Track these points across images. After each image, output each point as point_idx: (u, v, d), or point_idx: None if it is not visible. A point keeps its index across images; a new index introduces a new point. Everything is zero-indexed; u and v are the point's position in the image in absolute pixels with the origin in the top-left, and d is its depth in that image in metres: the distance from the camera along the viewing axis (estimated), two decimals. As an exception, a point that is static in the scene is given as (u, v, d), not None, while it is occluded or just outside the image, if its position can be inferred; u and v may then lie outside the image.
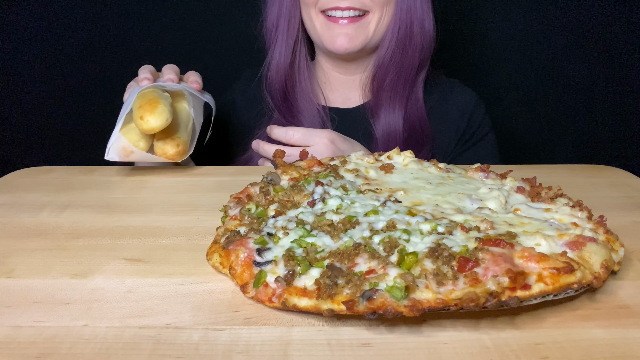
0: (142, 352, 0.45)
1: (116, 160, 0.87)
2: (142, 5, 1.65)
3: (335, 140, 1.01)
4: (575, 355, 0.44)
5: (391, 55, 1.16)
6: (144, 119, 0.83)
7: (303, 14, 1.19)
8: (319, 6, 1.13)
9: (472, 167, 0.79)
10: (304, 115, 1.21)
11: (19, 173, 0.91)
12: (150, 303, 0.52)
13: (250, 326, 0.48)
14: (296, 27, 1.20)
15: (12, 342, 0.46)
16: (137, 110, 0.84)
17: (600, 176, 0.89)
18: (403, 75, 1.18)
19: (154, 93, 0.87)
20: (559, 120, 1.78)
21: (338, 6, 1.10)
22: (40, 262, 0.60)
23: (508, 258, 0.49)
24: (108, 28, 1.67)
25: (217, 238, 0.61)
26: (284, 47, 1.20)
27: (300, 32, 1.21)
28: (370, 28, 1.14)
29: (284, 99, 1.22)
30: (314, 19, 1.15)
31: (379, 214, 0.61)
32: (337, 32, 1.12)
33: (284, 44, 1.20)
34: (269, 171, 0.75)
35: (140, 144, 0.88)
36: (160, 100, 0.85)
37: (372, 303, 0.46)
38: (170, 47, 1.68)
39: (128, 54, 1.69)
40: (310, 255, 0.54)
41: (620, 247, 0.57)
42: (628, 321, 0.49)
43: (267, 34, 1.23)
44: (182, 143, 0.89)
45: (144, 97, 0.86)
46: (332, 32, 1.13)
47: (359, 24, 1.13)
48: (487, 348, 0.45)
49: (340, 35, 1.12)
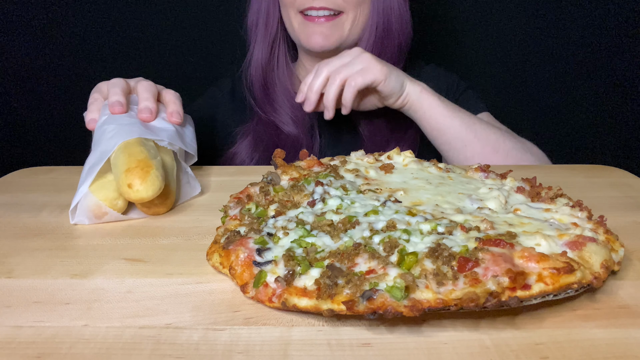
0: (142, 352, 0.45)
1: (86, 224, 0.70)
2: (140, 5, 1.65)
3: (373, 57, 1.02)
4: (575, 355, 0.44)
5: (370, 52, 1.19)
6: (133, 188, 0.68)
7: (283, 14, 1.22)
8: (297, 6, 1.16)
9: (472, 167, 0.79)
10: (284, 110, 1.24)
11: (19, 173, 0.91)
12: (150, 303, 0.52)
13: (250, 326, 0.48)
14: (275, 27, 1.24)
15: (12, 342, 0.46)
16: (123, 174, 0.69)
17: (600, 176, 0.89)
18: None
19: (143, 152, 0.72)
20: (559, 120, 1.78)
21: (312, 6, 1.14)
22: (40, 262, 0.60)
23: (508, 258, 0.49)
24: (107, 28, 1.67)
25: (217, 238, 0.61)
26: (262, 45, 1.24)
27: (279, 32, 1.25)
28: (345, 27, 1.17)
29: (264, 95, 1.25)
30: (292, 19, 1.18)
31: (379, 214, 0.61)
32: (312, 30, 1.16)
33: (262, 42, 1.24)
34: (269, 171, 0.75)
35: (118, 202, 0.71)
36: (152, 164, 0.70)
37: (372, 303, 0.46)
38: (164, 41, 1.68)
39: (128, 53, 1.69)
40: (310, 255, 0.54)
41: (620, 247, 0.57)
42: (628, 321, 0.49)
43: (248, 31, 1.26)
44: (171, 194, 0.75)
45: (131, 156, 0.70)
46: (308, 31, 1.16)
47: (334, 23, 1.16)
48: (487, 348, 0.45)
49: (315, 33, 1.15)
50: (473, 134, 1.04)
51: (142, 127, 0.78)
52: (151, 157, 0.71)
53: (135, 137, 0.74)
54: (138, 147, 0.72)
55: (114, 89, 0.84)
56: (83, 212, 0.69)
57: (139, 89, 0.86)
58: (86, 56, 1.70)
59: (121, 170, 0.69)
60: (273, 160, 0.79)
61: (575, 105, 1.76)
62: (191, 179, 0.81)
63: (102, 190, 0.70)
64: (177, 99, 0.89)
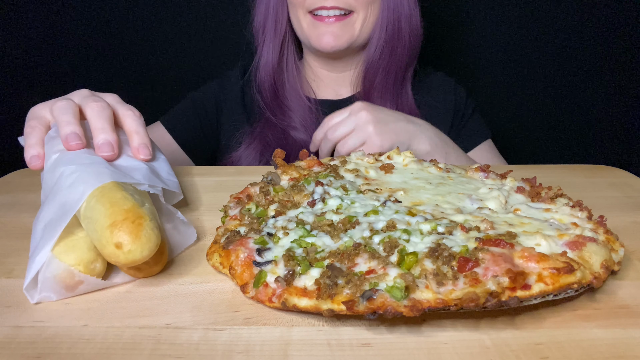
0: (142, 352, 0.45)
1: (53, 300, 0.52)
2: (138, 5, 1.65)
3: (369, 108, 0.99)
4: (575, 355, 0.44)
5: (380, 53, 1.19)
6: (123, 248, 0.51)
7: (291, 15, 1.21)
8: (306, 6, 1.15)
9: (472, 167, 0.79)
10: (294, 112, 1.23)
11: (19, 173, 0.91)
12: (150, 303, 0.52)
13: (250, 326, 0.48)
14: (284, 27, 1.23)
15: (12, 342, 0.46)
16: (107, 230, 0.52)
17: (600, 176, 0.89)
18: (392, 72, 1.21)
19: (128, 199, 0.55)
20: (558, 120, 1.78)
21: (324, 5, 1.12)
22: (40, 262, 0.60)
23: (508, 258, 0.49)
24: (107, 28, 1.67)
25: (217, 238, 0.61)
26: (272, 47, 1.23)
27: (288, 32, 1.24)
28: (356, 27, 1.16)
29: (273, 97, 1.24)
30: (302, 19, 1.17)
31: (379, 214, 0.61)
32: (323, 30, 1.14)
33: (271, 43, 1.23)
34: (269, 171, 0.75)
35: (96, 266, 0.54)
36: (143, 214, 0.54)
37: (372, 303, 0.46)
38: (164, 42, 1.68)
39: (128, 53, 1.69)
40: (310, 255, 0.54)
41: (620, 247, 0.57)
42: (628, 321, 0.49)
43: (255, 34, 1.25)
44: (165, 247, 0.59)
45: (114, 206, 0.54)
46: (318, 31, 1.15)
47: (345, 23, 1.15)
48: (487, 348, 0.45)
49: (326, 33, 1.14)
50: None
51: (110, 167, 0.62)
52: (140, 204, 0.56)
53: (108, 182, 0.58)
54: (119, 193, 0.56)
55: (63, 115, 0.65)
56: (48, 285, 0.52)
57: (89, 113, 0.67)
58: (86, 56, 1.70)
59: (103, 225, 0.52)
60: (273, 160, 0.79)
61: (576, 106, 1.76)
62: (182, 225, 0.64)
63: (72, 252, 0.53)
64: (140, 124, 0.71)
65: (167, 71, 1.70)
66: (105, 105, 0.69)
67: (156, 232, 0.54)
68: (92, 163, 0.61)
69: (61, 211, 0.55)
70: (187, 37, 1.68)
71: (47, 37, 1.68)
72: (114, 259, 0.52)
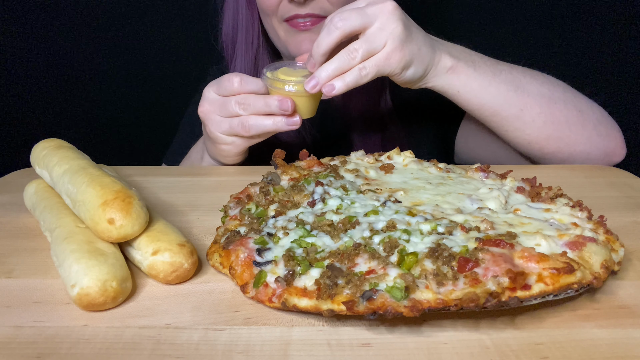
0: (142, 352, 0.45)
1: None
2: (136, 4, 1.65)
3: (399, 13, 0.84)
4: (575, 355, 0.44)
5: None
6: (116, 223, 0.55)
7: (264, 24, 1.18)
8: (280, 15, 1.11)
9: (472, 167, 0.79)
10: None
11: (19, 173, 0.91)
12: (150, 303, 0.52)
13: (250, 326, 0.48)
14: (256, 39, 1.19)
15: (12, 342, 0.46)
16: (99, 209, 0.56)
17: (600, 176, 0.89)
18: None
19: (115, 181, 0.61)
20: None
21: (298, 14, 1.09)
22: (40, 262, 0.60)
23: (508, 258, 0.49)
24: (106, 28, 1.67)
25: (217, 238, 0.61)
26: (246, 60, 1.19)
27: (261, 42, 1.21)
28: None
29: None
30: (277, 28, 1.14)
31: (379, 214, 0.61)
32: (302, 37, 1.11)
33: (244, 56, 1.19)
34: (269, 171, 0.75)
35: (127, 284, 0.53)
36: (133, 196, 0.58)
37: (372, 303, 0.46)
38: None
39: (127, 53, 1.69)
40: (310, 256, 0.54)
41: (620, 247, 0.57)
42: (628, 321, 0.49)
43: (225, 47, 1.21)
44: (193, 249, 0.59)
45: (105, 187, 0.59)
46: (297, 38, 1.12)
47: (321, 25, 1.12)
48: (487, 348, 0.45)
49: (305, 40, 1.11)
50: (525, 93, 0.94)
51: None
52: (127, 186, 0.61)
53: (94, 169, 0.64)
54: (108, 178, 0.61)
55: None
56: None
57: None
58: (86, 56, 1.70)
59: (95, 204, 0.56)
60: (273, 160, 0.79)
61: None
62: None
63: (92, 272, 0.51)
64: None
65: (163, 72, 1.70)
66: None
67: (145, 210, 0.59)
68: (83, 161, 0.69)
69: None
70: (175, 42, 1.67)
71: (47, 37, 1.68)
72: (107, 234, 0.56)
